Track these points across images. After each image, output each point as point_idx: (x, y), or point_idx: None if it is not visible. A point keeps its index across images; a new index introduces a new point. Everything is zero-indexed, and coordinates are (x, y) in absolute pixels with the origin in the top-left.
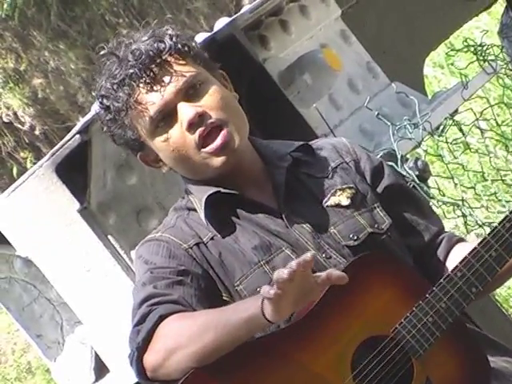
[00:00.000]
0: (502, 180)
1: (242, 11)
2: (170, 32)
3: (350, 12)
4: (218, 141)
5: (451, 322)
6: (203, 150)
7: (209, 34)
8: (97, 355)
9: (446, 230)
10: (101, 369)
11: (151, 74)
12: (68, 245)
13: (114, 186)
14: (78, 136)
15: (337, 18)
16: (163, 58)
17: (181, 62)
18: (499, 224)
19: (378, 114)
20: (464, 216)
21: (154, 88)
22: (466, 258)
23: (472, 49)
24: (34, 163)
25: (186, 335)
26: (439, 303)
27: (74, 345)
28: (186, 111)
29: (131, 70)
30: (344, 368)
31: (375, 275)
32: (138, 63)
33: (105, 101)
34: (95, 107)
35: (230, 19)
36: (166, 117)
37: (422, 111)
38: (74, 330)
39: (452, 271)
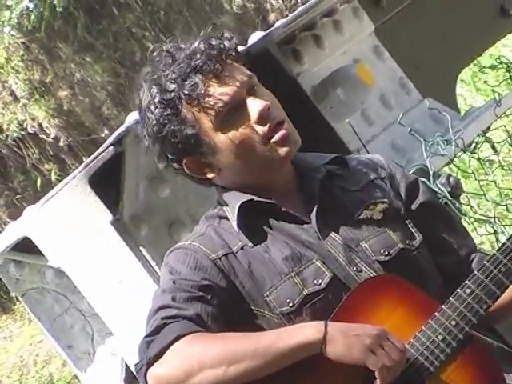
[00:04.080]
0: None
1: (276, 25)
2: (227, 35)
3: (383, 27)
4: (284, 131)
5: (461, 339)
6: (271, 141)
7: (243, 47)
8: (127, 366)
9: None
10: (131, 380)
11: (220, 67)
12: (100, 256)
13: (146, 197)
14: (111, 148)
15: (370, 33)
16: (228, 55)
17: (239, 63)
18: (508, 240)
19: (411, 129)
20: (496, 233)
21: (223, 81)
22: (474, 274)
23: (505, 66)
24: (59, 175)
25: (212, 357)
26: (448, 321)
27: (104, 356)
28: (257, 103)
29: (201, 61)
30: None
31: (384, 297)
32: (208, 55)
33: (167, 94)
34: (130, 119)
35: (265, 33)
36: (232, 110)
37: (455, 128)
38: (105, 341)
39: (460, 288)
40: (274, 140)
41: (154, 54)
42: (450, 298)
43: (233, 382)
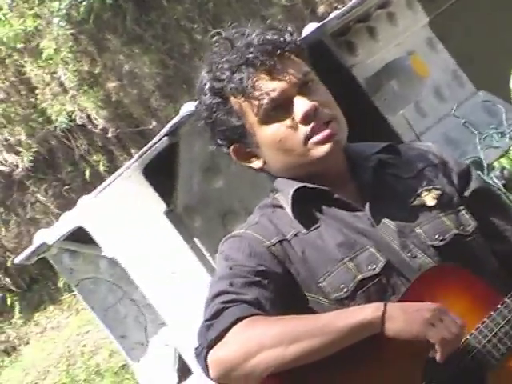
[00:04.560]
0: None
1: (330, 17)
2: (290, 29)
3: (437, 20)
4: (327, 131)
5: None
6: (310, 141)
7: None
8: (180, 357)
9: None
10: (184, 370)
11: (273, 62)
12: (154, 246)
13: (200, 189)
14: (165, 138)
15: (424, 25)
16: (285, 49)
17: (298, 58)
18: None
19: (465, 121)
20: None
21: (274, 76)
22: None
23: None
24: (107, 166)
25: (272, 337)
26: (511, 313)
27: (158, 346)
28: (304, 103)
29: (253, 55)
30: (417, 377)
31: (447, 287)
32: (262, 50)
33: (216, 83)
34: (184, 109)
35: (319, 25)
36: (279, 107)
37: (509, 120)
38: (158, 331)
39: None
40: (313, 140)
41: (214, 39)
42: None
43: (293, 362)
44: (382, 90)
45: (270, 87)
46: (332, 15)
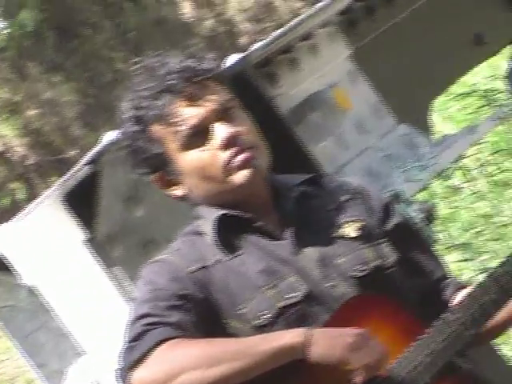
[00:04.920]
0: (503, 225)
1: (253, 48)
2: (210, 56)
3: (359, 52)
4: (245, 155)
5: (446, 364)
6: (229, 166)
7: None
8: None
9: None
10: None
11: (192, 88)
12: (73, 275)
13: (121, 217)
14: (86, 167)
15: (346, 57)
16: (205, 76)
17: (218, 85)
18: (498, 267)
19: (385, 155)
20: (469, 259)
21: (193, 103)
22: (463, 300)
23: (478, 94)
24: (29, 195)
25: (194, 360)
26: (435, 344)
27: (76, 375)
28: (223, 130)
29: (173, 82)
30: None
31: (369, 316)
32: (181, 76)
33: (136, 111)
34: (106, 138)
35: (241, 56)
36: (198, 133)
37: (429, 154)
38: (77, 360)
39: (449, 313)
40: (232, 166)
41: (134, 67)
42: (437, 322)
43: (219, 382)
44: (304, 121)
45: (189, 114)
46: (254, 46)
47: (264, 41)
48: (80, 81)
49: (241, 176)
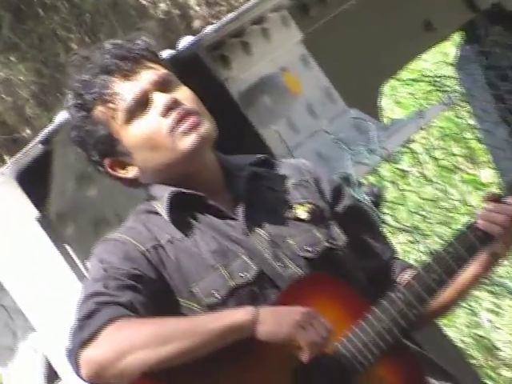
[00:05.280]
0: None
1: (206, 31)
2: (144, 37)
3: (311, 37)
4: (190, 119)
5: (392, 342)
6: (175, 132)
7: (172, 51)
8: (49, 363)
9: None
10: (52, 376)
11: (127, 66)
12: (25, 252)
13: (73, 196)
14: (40, 146)
15: (298, 42)
16: (138, 53)
17: (154, 62)
18: (442, 248)
19: (335, 138)
20: (414, 242)
21: (129, 79)
22: (408, 280)
23: (428, 80)
24: None
25: (143, 338)
26: (380, 323)
27: (26, 351)
28: (162, 97)
29: (107, 62)
30: (286, 379)
31: (316, 295)
32: (113, 56)
33: (78, 98)
34: (59, 118)
35: (194, 38)
36: (140, 106)
37: (378, 138)
38: (28, 336)
39: (393, 292)
40: (178, 131)
41: (72, 59)
42: (382, 301)
43: (164, 362)
44: (255, 104)
45: (127, 89)
46: (207, 29)
47: (216, 24)
48: (35, 61)
49: (187, 141)
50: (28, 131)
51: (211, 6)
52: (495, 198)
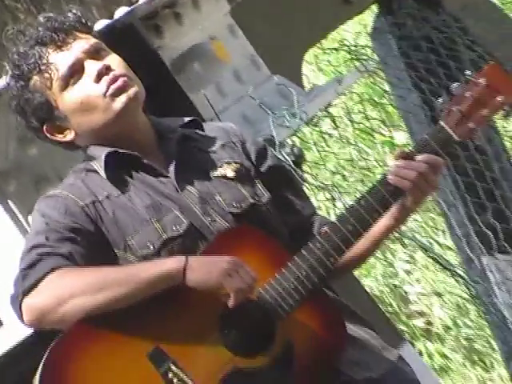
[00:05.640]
0: (367, 169)
1: (140, 2)
2: (73, 10)
3: (237, 8)
4: (120, 82)
5: (311, 288)
6: (107, 94)
7: (109, 21)
8: None
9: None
10: None
11: (60, 37)
12: None
13: (15, 155)
14: None
15: (226, 13)
16: (70, 24)
17: (85, 33)
18: (356, 202)
19: (260, 102)
20: (332, 199)
21: (63, 49)
22: (325, 232)
23: (346, 49)
24: None
25: (81, 286)
26: (299, 271)
27: None
28: (94, 64)
29: (41, 34)
30: (213, 323)
31: (242, 246)
32: (47, 28)
33: (15, 69)
34: (1, 82)
35: (129, 9)
36: (74, 73)
37: (299, 103)
38: None
39: (311, 242)
40: (109, 93)
41: (9, 33)
42: (302, 250)
43: (101, 308)
44: (185, 70)
45: (61, 59)
46: (141, 1)
47: None
48: None
49: (119, 101)
50: None
51: None
52: (405, 156)
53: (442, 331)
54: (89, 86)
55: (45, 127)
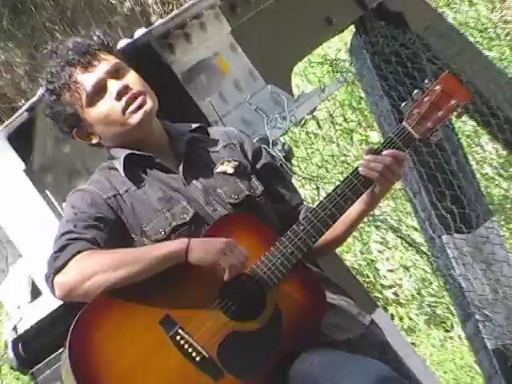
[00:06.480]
0: (347, 163)
1: (156, 24)
2: (97, 33)
3: (237, 29)
4: (138, 101)
5: (295, 263)
6: (126, 111)
7: (129, 40)
8: (33, 281)
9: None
10: (35, 292)
11: (86, 59)
12: (15, 196)
13: (52, 153)
14: (26, 113)
15: (227, 33)
16: (94, 48)
17: (107, 54)
18: (333, 191)
19: (256, 108)
20: (317, 189)
21: (89, 70)
22: (307, 215)
23: (329, 62)
24: None
25: (103, 265)
26: (285, 249)
27: (15, 273)
28: (115, 84)
29: (70, 57)
30: (213, 294)
31: (238, 229)
32: (76, 52)
33: (49, 85)
34: (40, 92)
35: (147, 30)
36: (98, 91)
37: (289, 108)
38: (17, 261)
39: (296, 225)
40: (128, 111)
41: (45, 51)
42: (288, 232)
43: (118, 283)
44: (194, 81)
45: (87, 78)
46: (157, 23)
47: (164, 18)
48: (28, 47)
49: (136, 117)
50: (23, 101)
51: (164, 4)
52: (373, 151)
53: (410, 299)
54: (110, 103)
55: (74, 132)
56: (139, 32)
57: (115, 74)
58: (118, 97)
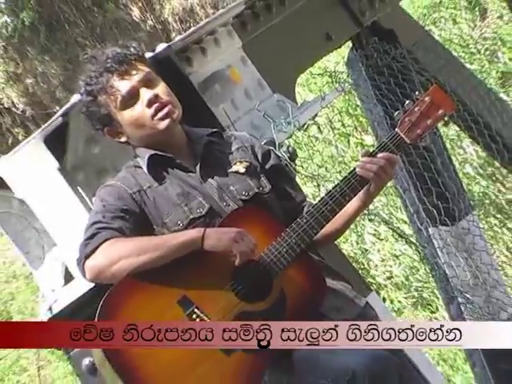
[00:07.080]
0: (344, 163)
1: (175, 40)
2: (134, 44)
3: (248, 44)
4: (166, 110)
5: (299, 252)
6: (155, 118)
7: (152, 53)
8: (66, 267)
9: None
10: (68, 276)
11: (122, 67)
12: (50, 191)
13: (83, 153)
14: (60, 118)
15: (239, 47)
16: (131, 58)
17: (141, 64)
18: (333, 188)
19: (264, 114)
20: (318, 186)
21: (124, 77)
22: (309, 210)
23: (328, 74)
24: (25, 136)
25: (127, 251)
26: (291, 239)
27: (51, 259)
28: (147, 93)
29: (109, 65)
30: (226, 277)
31: (247, 221)
32: (114, 61)
33: (88, 87)
34: (74, 98)
35: (167, 45)
36: (131, 97)
37: (293, 114)
38: (52, 249)
39: (299, 218)
40: (157, 117)
41: (85, 56)
42: (293, 224)
43: (142, 267)
44: (209, 90)
45: (123, 85)
46: (176, 38)
47: (183, 35)
48: (62, 60)
49: (163, 123)
50: (58, 108)
51: (183, 22)
52: (369, 154)
53: (399, 284)
54: (141, 109)
55: (106, 130)
56: (160, 47)
57: (147, 83)
58: (149, 104)
